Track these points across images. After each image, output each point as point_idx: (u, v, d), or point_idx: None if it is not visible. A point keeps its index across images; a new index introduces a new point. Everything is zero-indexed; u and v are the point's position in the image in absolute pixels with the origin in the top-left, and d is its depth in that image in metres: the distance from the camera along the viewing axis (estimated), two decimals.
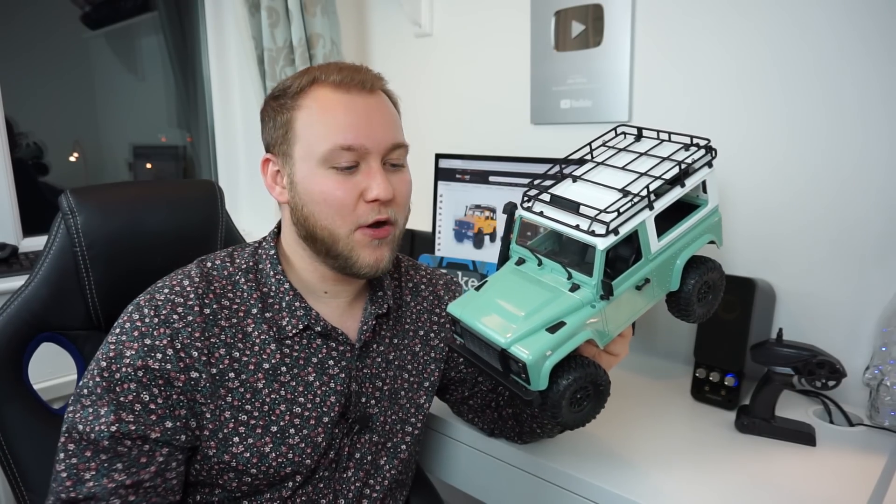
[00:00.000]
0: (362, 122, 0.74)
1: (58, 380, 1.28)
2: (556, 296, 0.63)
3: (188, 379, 0.70)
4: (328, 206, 0.73)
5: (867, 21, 1.04)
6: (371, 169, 0.74)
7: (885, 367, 0.98)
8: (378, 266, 0.77)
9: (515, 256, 0.70)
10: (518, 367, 0.60)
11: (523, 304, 0.63)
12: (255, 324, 0.76)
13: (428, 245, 1.53)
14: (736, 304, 1.07)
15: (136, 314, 0.71)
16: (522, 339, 0.60)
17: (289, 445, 0.76)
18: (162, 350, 0.69)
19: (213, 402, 0.72)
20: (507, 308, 0.63)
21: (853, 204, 1.09)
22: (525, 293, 0.65)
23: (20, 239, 1.54)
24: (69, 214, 0.89)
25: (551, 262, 0.67)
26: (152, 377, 0.69)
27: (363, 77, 0.76)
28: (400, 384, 0.87)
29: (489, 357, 0.64)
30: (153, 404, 0.69)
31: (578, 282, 0.63)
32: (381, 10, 1.82)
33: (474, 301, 0.67)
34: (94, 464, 0.67)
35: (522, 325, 0.61)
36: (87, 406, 0.68)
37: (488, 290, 0.67)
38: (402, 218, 0.80)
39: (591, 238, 0.61)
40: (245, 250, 0.82)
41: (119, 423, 0.67)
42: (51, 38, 1.70)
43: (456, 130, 1.70)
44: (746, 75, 1.18)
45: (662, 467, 0.89)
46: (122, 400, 0.68)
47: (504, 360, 0.61)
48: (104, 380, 0.68)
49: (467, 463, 1.03)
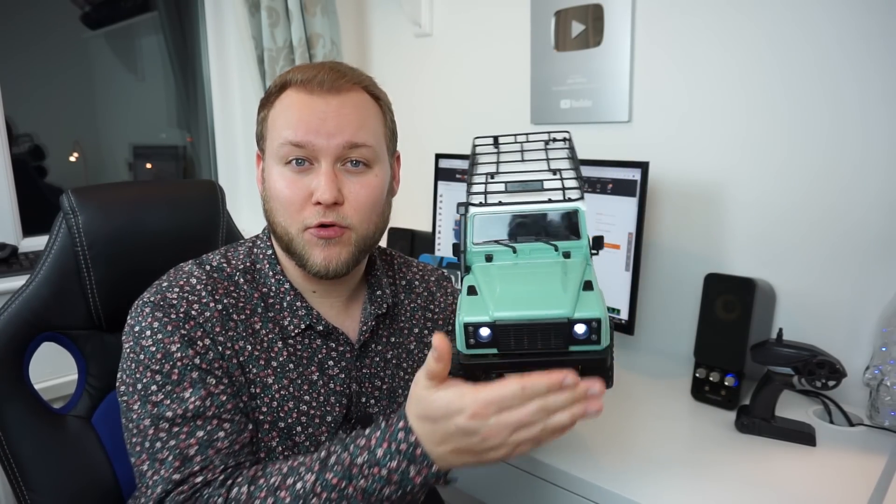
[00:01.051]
0: (315, 120, 0.72)
1: (58, 380, 1.28)
2: (562, 266, 0.64)
3: (227, 365, 0.72)
4: (279, 203, 0.74)
5: (868, 21, 1.04)
6: (320, 169, 0.73)
7: (885, 367, 0.98)
8: (328, 266, 0.74)
9: (482, 256, 0.69)
10: (584, 334, 0.59)
11: (546, 281, 0.62)
12: (262, 322, 0.77)
13: (428, 245, 1.53)
14: (736, 304, 1.07)
15: (159, 312, 0.71)
16: (578, 305, 0.59)
17: (294, 443, 0.76)
18: (200, 339, 0.71)
19: (242, 390, 0.74)
20: (535, 290, 0.61)
21: (853, 204, 1.09)
22: (534, 276, 0.64)
23: (20, 239, 1.54)
24: (70, 214, 0.89)
25: (527, 244, 0.68)
26: (208, 360, 0.71)
27: (324, 77, 0.73)
28: (398, 383, 0.87)
29: (541, 343, 0.60)
30: (220, 385, 0.71)
31: (567, 248, 0.66)
32: (381, 10, 1.83)
33: (491, 301, 0.61)
34: (195, 440, 0.68)
35: (566, 295, 0.59)
36: (161, 400, 0.69)
37: (492, 287, 0.63)
38: (361, 223, 0.76)
39: (573, 204, 0.66)
40: (239, 250, 0.82)
41: (210, 397, 0.70)
42: (51, 38, 1.70)
43: (456, 130, 1.70)
44: (746, 75, 1.18)
45: (662, 467, 0.89)
46: (202, 380, 0.70)
47: (567, 334, 0.59)
48: (164, 375, 0.69)
49: None
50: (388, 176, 0.81)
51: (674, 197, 1.31)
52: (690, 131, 1.28)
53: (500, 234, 0.69)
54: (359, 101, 0.76)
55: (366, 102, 0.77)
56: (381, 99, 0.80)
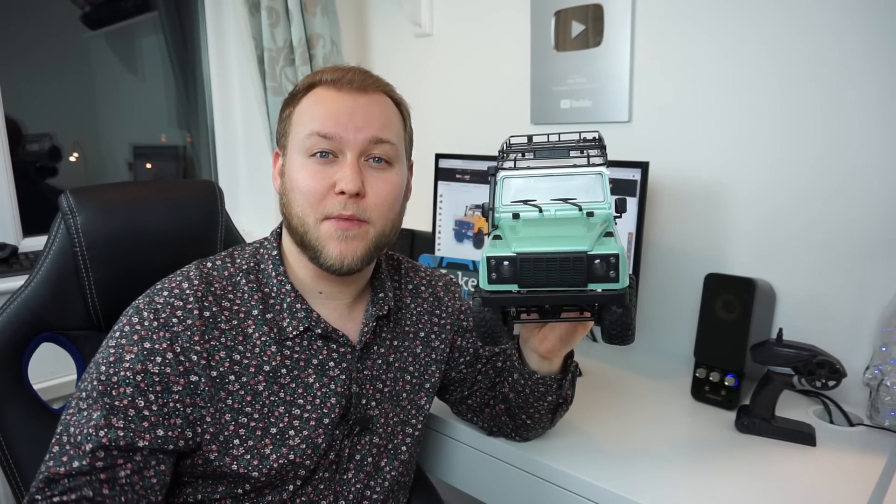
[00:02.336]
0: (343, 114, 0.74)
1: (58, 380, 1.28)
2: (586, 221, 0.66)
3: (187, 383, 0.70)
4: (300, 193, 0.74)
5: (866, 21, 1.04)
6: (345, 161, 0.74)
7: (885, 367, 0.98)
8: (343, 261, 0.74)
9: (509, 215, 0.71)
10: (603, 269, 0.60)
11: (570, 229, 0.64)
12: (256, 325, 0.76)
13: (428, 245, 1.53)
14: (736, 304, 1.07)
15: (136, 317, 0.71)
16: (597, 244, 0.61)
17: (289, 447, 0.76)
18: (161, 353, 0.69)
19: (214, 406, 0.72)
20: (558, 232, 0.63)
21: (853, 204, 1.09)
22: (559, 225, 0.66)
23: (20, 239, 1.54)
24: (69, 214, 0.89)
25: (552, 205, 0.70)
26: (150, 382, 0.69)
27: (354, 76, 0.77)
28: (402, 386, 0.87)
29: (561, 278, 0.62)
30: (147, 410, 0.68)
31: (591, 209, 0.69)
32: (381, 10, 1.82)
33: (515, 241, 0.63)
34: (65, 469, 0.65)
35: (587, 235, 0.62)
36: (82, 409, 0.68)
37: (516, 232, 0.65)
38: (380, 218, 0.77)
39: (596, 168, 0.69)
40: (245, 250, 0.82)
41: (108, 429, 0.67)
42: (51, 39, 1.70)
43: (456, 130, 1.70)
44: (747, 75, 1.18)
45: (662, 467, 0.89)
46: (115, 404, 0.67)
47: (588, 268, 0.61)
48: (101, 383, 0.68)
49: (467, 463, 1.03)
50: (406, 178, 0.83)
51: (674, 197, 1.31)
52: (690, 131, 1.27)
53: (527, 196, 0.72)
54: (384, 103, 0.79)
55: (390, 105, 0.80)
56: (402, 105, 0.83)
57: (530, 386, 0.84)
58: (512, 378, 0.87)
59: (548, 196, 0.71)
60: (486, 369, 0.94)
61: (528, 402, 0.87)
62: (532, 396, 0.86)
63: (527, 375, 0.84)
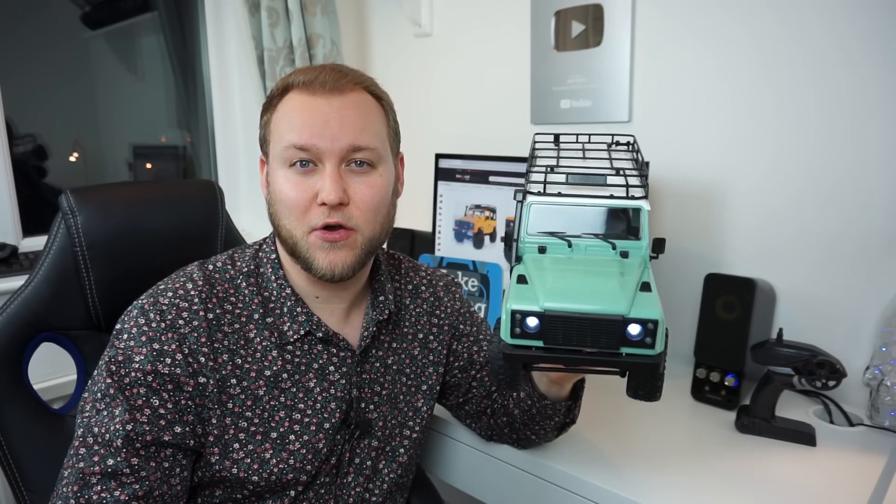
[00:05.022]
0: (318, 123, 0.71)
1: (58, 380, 1.28)
2: (619, 264, 0.61)
3: (197, 384, 0.70)
4: (284, 205, 0.73)
5: (863, 21, 1.04)
6: (325, 170, 0.72)
7: (885, 367, 0.98)
8: (334, 270, 0.73)
9: (535, 247, 0.66)
10: (639, 335, 0.55)
11: (602, 277, 0.59)
12: (258, 329, 0.76)
13: (428, 245, 1.53)
14: (736, 304, 1.07)
15: (142, 318, 0.70)
16: (634, 304, 0.56)
17: (289, 452, 0.75)
18: (171, 355, 0.69)
19: (219, 408, 0.72)
20: (590, 284, 0.58)
21: (853, 204, 1.09)
22: (589, 271, 0.60)
23: (20, 239, 1.54)
24: (69, 214, 0.89)
25: (584, 240, 0.65)
26: (162, 382, 0.68)
27: (326, 78, 0.73)
28: (399, 388, 0.87)
29: (592, 340, 0.57)
30: (163, 409, 0.69)
31: (625, 248, 0.63)
32: (381, 10, 1.82)
33: (542, 292, 0.57)
34: (100, 468, 0.66)
35: (623, 293, 0.56)
36: (100, 410, 0.68)
37: (544, 278, 0.59)
38: (367, 224, 0.75)
39: (635, 202, 0.63)
40: (246, 252, 0.82)
41: (134, 423, 0.67)
42: (51, 39, 1.70)
43: (456, 130, 1.70)
44: (747, 75, 1.18)
45: (662, 467, 0.89)
46: (133, 403, 0.68)
47: (620, 333, 0.56)
48: (114, 383, 0.68)
49: (468, 463, 1.03)
50: (393, 177, 0.80)
51: (674, 197, 1.31)
52: (691, 131, 1.27)
53: (556, 226, 0.66)
54: (361, 102, 0.75)
55: (368, 103, 0.76)
56: (383, 99, 0.79)
57: (537, 407, 0.83)
58: (518, 396, 0.85)
59: (580, 227, 0.66)
60: (481, 377, 0.93)
61: (535, 421, 0.86)
62: (539, 416, 0.85)
63: (535, 398, 0.82)
